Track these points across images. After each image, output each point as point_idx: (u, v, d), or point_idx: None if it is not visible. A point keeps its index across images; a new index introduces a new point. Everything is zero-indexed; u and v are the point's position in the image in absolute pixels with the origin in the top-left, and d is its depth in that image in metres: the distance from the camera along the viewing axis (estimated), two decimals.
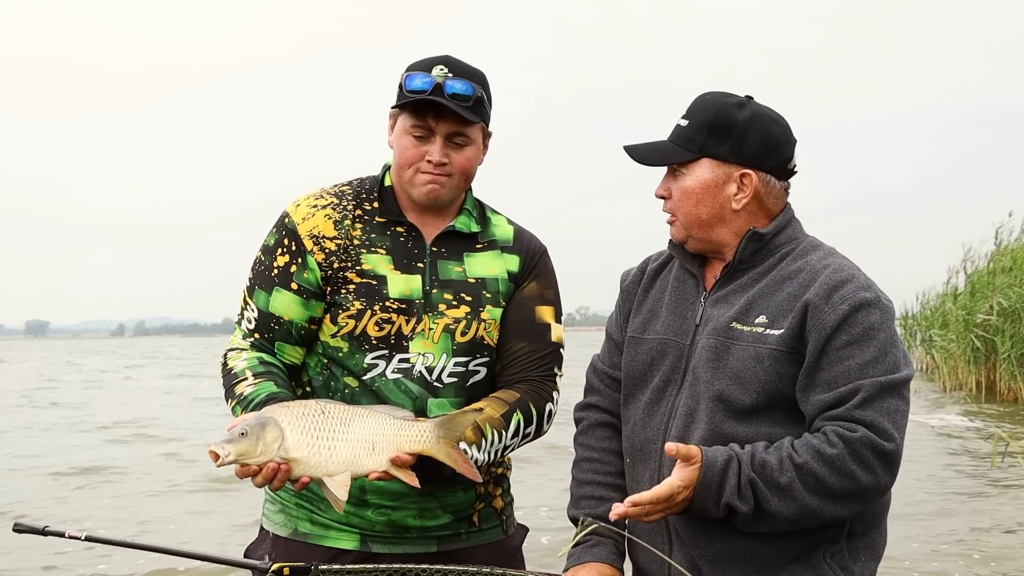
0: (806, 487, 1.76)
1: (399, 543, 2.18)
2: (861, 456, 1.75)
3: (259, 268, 2.20)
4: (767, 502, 1.78)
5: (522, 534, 2.40)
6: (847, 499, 1.78)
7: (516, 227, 2.32)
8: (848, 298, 1.83)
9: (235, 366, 2.14)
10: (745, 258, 1.95)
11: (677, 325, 2.01)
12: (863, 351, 1.80)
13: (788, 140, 1.97)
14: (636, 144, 2.02)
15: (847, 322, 1.81)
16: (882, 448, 1.76)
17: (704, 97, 1.99)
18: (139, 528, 7.21)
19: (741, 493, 1.78)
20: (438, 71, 2.09)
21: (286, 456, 1.86)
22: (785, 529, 1.81)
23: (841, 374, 1.80)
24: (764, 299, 1.90)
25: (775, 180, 1.96)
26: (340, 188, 2.24)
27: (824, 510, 1.78)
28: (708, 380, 1.90)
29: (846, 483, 1.76)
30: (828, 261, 1.91)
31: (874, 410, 1.77)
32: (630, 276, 2.18)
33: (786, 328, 1.85)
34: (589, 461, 2.13)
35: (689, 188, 1.95)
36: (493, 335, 2.21)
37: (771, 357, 1.85)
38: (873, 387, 1.78)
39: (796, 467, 1.77)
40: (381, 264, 2.16)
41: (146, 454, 11.39)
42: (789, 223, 1.99)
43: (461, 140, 2.13)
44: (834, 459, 1.75)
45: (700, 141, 1.94)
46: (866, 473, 1.76)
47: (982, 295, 17.11)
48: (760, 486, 1.78)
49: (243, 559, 2.13)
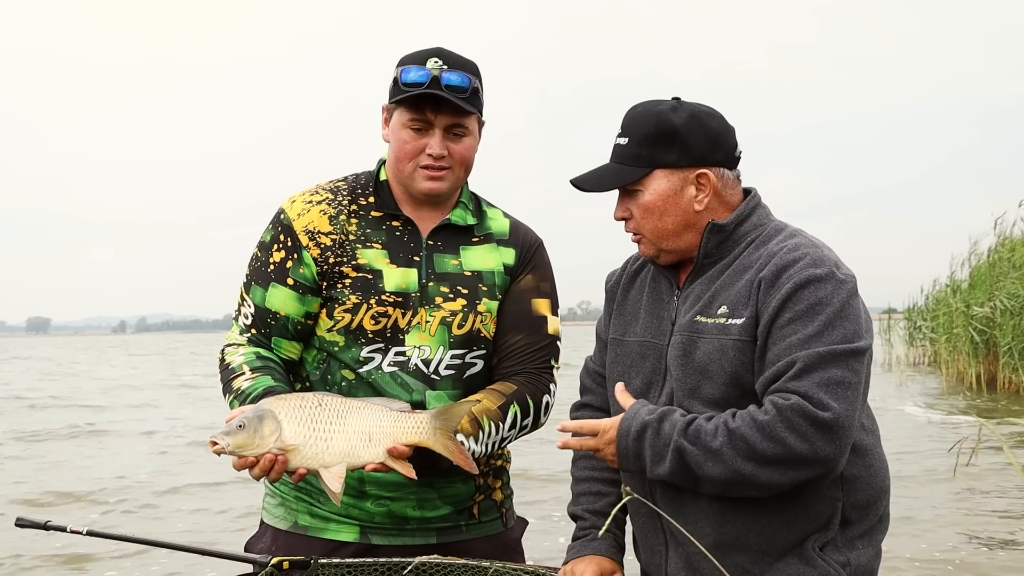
0: (738, 452, 1.76)
1: (399, 535, 2.19)
2: (792, 423, 1.74)
3: (255, 264, 2.21)
4: (699, 467, 1.79)
5: (522, 527, 2.41)
6: (781, 465, 1.76)
7: (512, 220, 2.33)
8: (794, 276, 1.82)
9: (232, 361, 2.15)
10: (710, 251, 1.95)
11: (655, 327, 2.02)
12: (805, 326, 1.79)
13: (728, 130, 1.98)
14: (583, 175, 2.00)
15: (790, 299, 1.81)
16: (815, 416, 1.73)
17: (636, 110, 1.98)
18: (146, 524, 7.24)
19: (660, 457, 1.82)
20: (433, 64, 2.09)
21: (283, 448, 1.87)
22: (725, 492, 1.82)
23: (782, 351, 1.80)
24: (725, 289, 1.91)
25: (727, 171, 1.97)
26: (335, 184, 2.25)
27: (759, 476, 1.77)
28: (680, 378, 1.91)
29: (777, 449, 1.74)
30: (786, 243, 1.90)
31: (809, 380, 1.75)
32: (612, 278, 2.20)
33: (746, 317, 1.85)
34: (586, 458, 2.15)
35: (649, 203, 1.95)
36: (490, 328, 2.22)
37: (735, 347, 1.85)
38: (809, 358, 1.76)
39: (729, 432, 1.78)
40: (377, 258, 2.17)
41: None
42: (753, 211, 1.98)
43: (459, 131, 2.13)
44: (764, 425, 1.75)
45: (647, 155, 1.93)
46: (799, 440, 1.73)
47: (982, 288, 17.11)
48: (689, 449, 1.80)
49: (243, 553, 2.14)
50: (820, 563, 1.86)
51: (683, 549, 1.93)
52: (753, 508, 1.86)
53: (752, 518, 1.86)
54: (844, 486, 1.88)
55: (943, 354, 18.56)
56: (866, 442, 1.92)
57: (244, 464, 1.88)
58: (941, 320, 18.56)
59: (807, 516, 1.87)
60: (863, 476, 1.90)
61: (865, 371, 1.84)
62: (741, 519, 1.87)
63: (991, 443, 8.86)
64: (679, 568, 1.95)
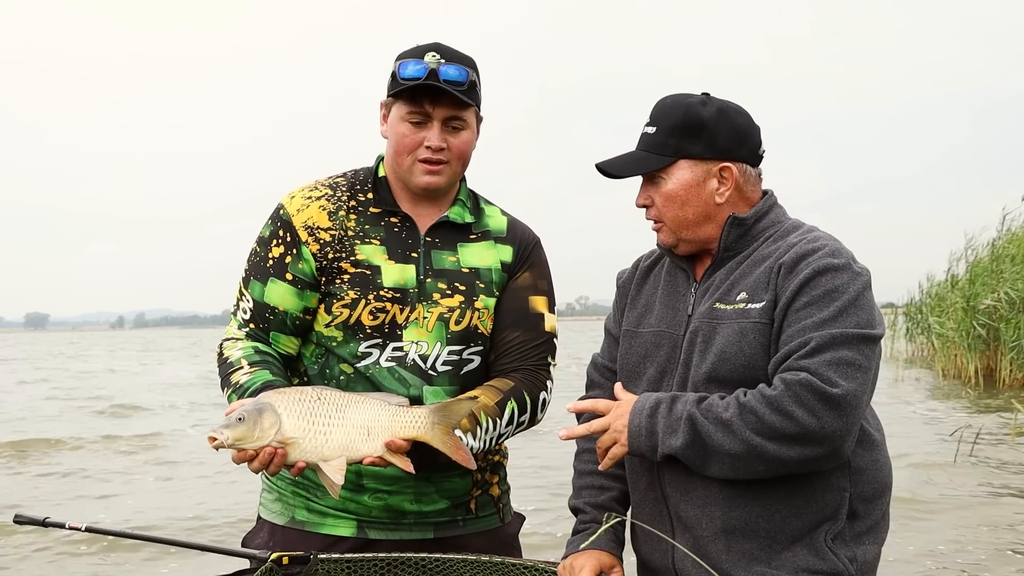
0: (747, 424, 1.79)
1: (396, 529, 2.20)
2: (801, 398, 1.76)
3: (254, 259, 2.21)
4: (709, 437, 1.82)
5: (519, 522, 2.42)
6: (792, 440, 1.78)
7: (510, 218, 2.34)
8: (812, 263, 1.86)
9: (231, 355, 2.15)
10: (730, 244, 1.99)
11: (670, 317, 2.04)
12: (821, 310, 1.83)
13: (753, 128, 2.02)
14: (608, 159, 2.04)
15: (808, 284, 1.85)
16: (824, 391, 1.76)
17: (666, 101, 2.02)
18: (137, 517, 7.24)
19: (673, 430, 1.84)
20: (431, 57, 2.10)
21: (282, 441, 1.88)
22: (733, 469, 1.83)
23: (796, 332, 1.83)
24: (744, 278, 1.94)
25: (750, 168, 2.01)
26: (335, 179, 2.26)
27: (768, 449, 1.79)
28: (698, 364, 1.94)
29: (787, 423, 1.77)
30: (805, 236, 1.95)
31: (821, 358, 1.78)
32: (625, 274, 2.23)
33: (766, 301, 1.89)
34: (590, 452, 2.15)
35: (672, 192, 1.98)
36: (487, 324, 2.22)
37: (755, 330, 1.88)
38: (823, 338, 1.79)
39: (740, 405, 1.81)
40: (375, 254, 2.17)
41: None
42: (771, 209, 2.02)
43: (458, 124, 2.14)
44: (773, 399, 1.78)
45: (674, 144, 1.97)
46: (808, 415, 1.76)
47: (983, 282, 17.09)
48: (701, 420, 1.83)
49: (241, 548, 2.14)
50: (830, 556, 1.88)
51: (691, 535, 1.94)
52: (762, 493, 1.88)
53: (761, 504, 1.88)
54: (852, 477, 1.91)
55: (941, 349, 18.55)
56: (875, 437, 1.96)
57: (243, 457, 1.88)
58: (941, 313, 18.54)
59: (816, 504, 1.88)
60: (870, 469, 1.93)
61: (876, 361, 1.86)
62: (750, 504, 1.88)
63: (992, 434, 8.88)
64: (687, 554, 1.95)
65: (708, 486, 1.90)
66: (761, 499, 1.88)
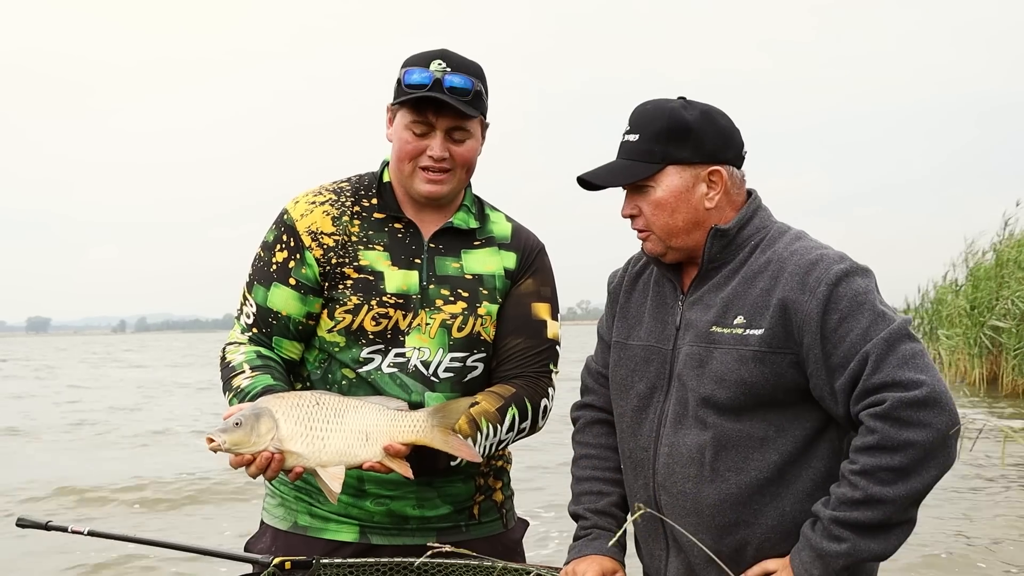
0: (881, 483, 1.73)
1: (399, 535, 2.20)
2: (902, 420, 1.72)
3: (258, 264, 2.22)
4: (860, 524, 1.75)
5: (522, 528, 2.41)
6: (922, 462, 1.73)
7: (514, 224, 2.33)
8: (823, 278, 1.81)
9: (233, 359, 2.15)
10: (714, 256, 1.94)
11: (659, 331, 2.01)
12: (858, 320, 1.78)
13: (735, 129, 1.97)
14: (591, 171, 1.98)
15: (831, 300, 1.80)
16: (914, 399, 1.71)
17: (645, 107, 1.97)
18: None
19: (832, 537, 1.76)
20: (436, 66, 2.10)
21: (280, 446, 1.88)
22: (907, 521, 1.78)
23: (847, 351, 1.78)
24: (739, 298, 1.89)
25: (735, 170, 1.97)
26: (339, 185, 2.26)
27: (914, 485, 1.73)
28: (694, 386, 1.90)
29: (910, 452, 1.71)
30: (794, 247, 1.89)
31: (889, 366, 1.74)
32: (615, 278, 2.18)
33: (766, 328, 1.83)
34: (587, 458, 2.15)
35: (661, 199, 1.93)
36: (490, 331, 2.22)
37: (755, 358, 1.84)
38: (878, 346, 1.76)
39: (861, 474, 1.74)
40: (379, 260, 2.17)
41: None
42: (755, 213, 1.97)
43: (461, 134, 2.14)
44: (881, 442, 1.73)
45: (660, 150, 1.91)
46: (918, 431, 1.71)
47: (987, 287, 17.07)
48: (845, 515, 1.75)
49: (244, 553, 2.14)
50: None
51: (684, 555, 1.94)
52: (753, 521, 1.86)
53: (750, 530, 1.87)
54: None
55: (944, 353, 18.53)
56: None
57: (240, 462, 1.88)
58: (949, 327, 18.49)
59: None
60: None
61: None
62: (742, 532, 1.87)
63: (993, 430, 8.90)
64: (679, 574, 1.96)
65: (700, 512, 1.88)
66: (752, 526, 1.87)
